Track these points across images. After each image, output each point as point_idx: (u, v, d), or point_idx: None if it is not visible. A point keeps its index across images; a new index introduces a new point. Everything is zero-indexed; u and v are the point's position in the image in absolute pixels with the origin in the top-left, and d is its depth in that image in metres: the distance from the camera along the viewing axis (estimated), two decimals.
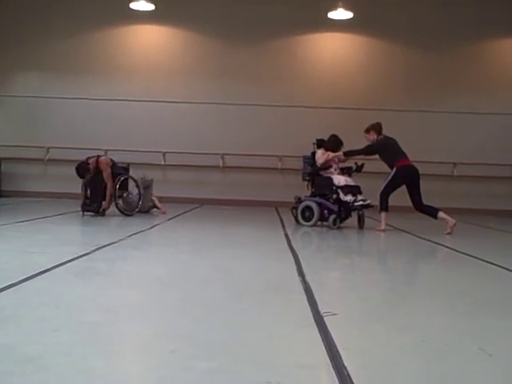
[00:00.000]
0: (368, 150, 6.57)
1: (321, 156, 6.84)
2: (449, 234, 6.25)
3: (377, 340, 2.08)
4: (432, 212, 6.41)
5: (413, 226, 6.54)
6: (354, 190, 6.51)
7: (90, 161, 6.97)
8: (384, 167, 6.56)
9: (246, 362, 1.75)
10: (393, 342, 2.05)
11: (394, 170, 6.38)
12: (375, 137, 6.55)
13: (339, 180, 6.56)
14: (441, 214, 6.36)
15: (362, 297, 2.90)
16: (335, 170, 6.84)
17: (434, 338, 2.12)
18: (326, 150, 6.85)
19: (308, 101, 10.78)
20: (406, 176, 6.38)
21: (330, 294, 3.03)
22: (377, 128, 6.57)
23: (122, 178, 7.13)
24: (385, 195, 6.35)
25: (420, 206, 6.40)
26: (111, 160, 7.13)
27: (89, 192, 7.00)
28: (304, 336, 2.08)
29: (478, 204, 10.55)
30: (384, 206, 6.35)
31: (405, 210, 8.99)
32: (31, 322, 2.08)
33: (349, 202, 6.42)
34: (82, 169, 6.96)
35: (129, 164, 7.81)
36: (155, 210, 7.87)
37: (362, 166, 6.81)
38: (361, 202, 6.44)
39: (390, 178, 6.38)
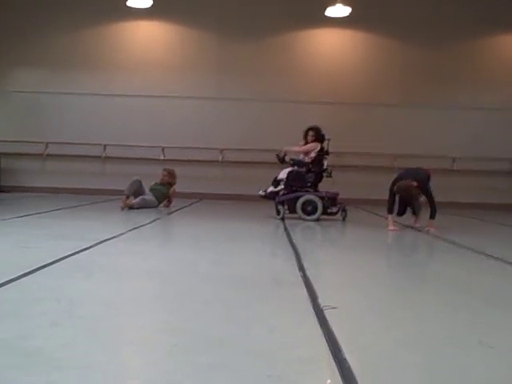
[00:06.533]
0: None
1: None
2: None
3: (377, 333, 2.08)
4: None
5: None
6: (275, 183, 6.93)
7: None
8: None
9: (247, 355, 1.75)
10: (393, 335, 2.05)
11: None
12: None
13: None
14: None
15: (362, 291, 2.90)
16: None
17: (433, 331, 2.12)
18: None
19: (306, 96, 10.76)
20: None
21: (330, 288, 3.03)
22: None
23: None
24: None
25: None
26: None
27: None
28: (304, 329, 2.08)
29: (478, 198, 10.54)
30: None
31: None
32: (32, 317, 2.08)
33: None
34: None
35: None
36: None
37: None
38: (261, 193, 6.94)
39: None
